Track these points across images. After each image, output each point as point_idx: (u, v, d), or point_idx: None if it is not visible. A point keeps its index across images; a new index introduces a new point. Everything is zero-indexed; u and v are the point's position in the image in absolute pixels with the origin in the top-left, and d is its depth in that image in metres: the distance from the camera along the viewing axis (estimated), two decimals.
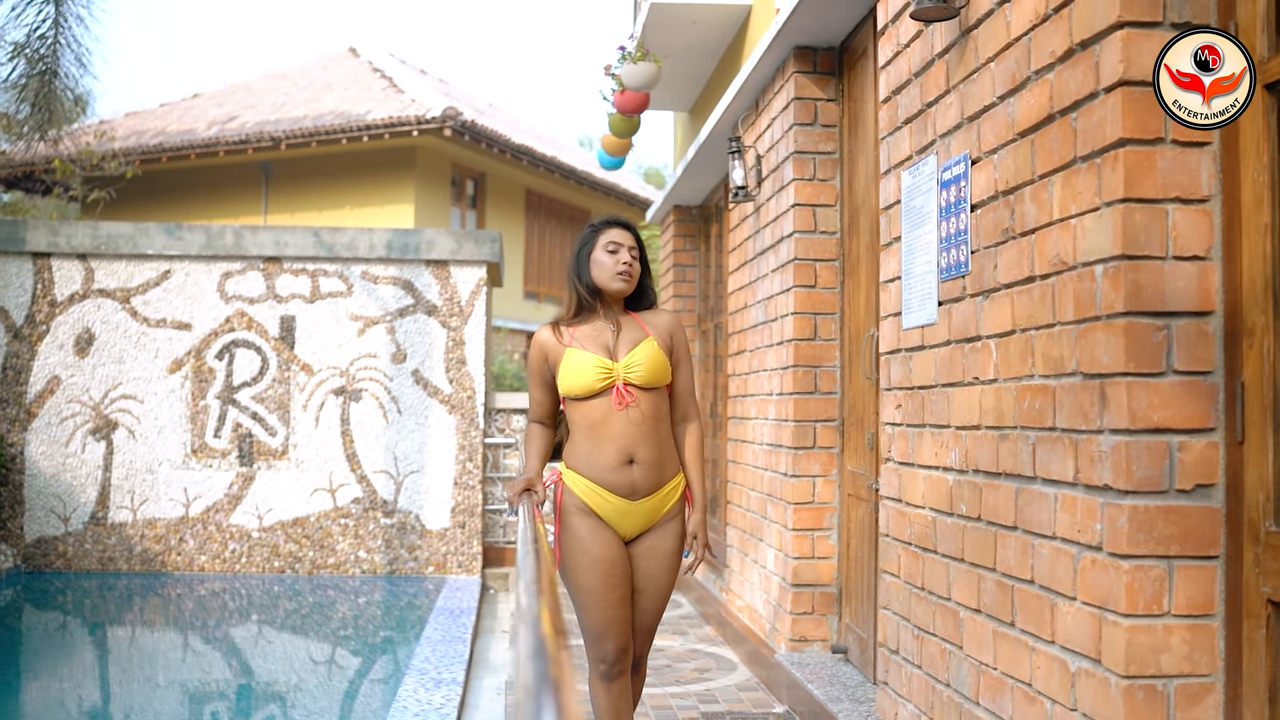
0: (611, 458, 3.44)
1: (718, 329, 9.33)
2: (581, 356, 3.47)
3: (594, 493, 3.47)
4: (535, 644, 1.22)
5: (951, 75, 3.49)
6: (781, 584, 5.78)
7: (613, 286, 3.55)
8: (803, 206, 5.62)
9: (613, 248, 3.55)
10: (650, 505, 3.51)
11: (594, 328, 3.56)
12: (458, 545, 9.20)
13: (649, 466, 3.48)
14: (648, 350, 3.50)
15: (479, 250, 9.32)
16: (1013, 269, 3.05)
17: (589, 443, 3.47)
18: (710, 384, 9.45)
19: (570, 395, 3.49)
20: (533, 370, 3.63)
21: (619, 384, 3.44)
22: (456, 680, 5.73)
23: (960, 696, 3.36)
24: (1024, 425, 2.98)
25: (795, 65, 5.61)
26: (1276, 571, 2.36)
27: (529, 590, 1.57)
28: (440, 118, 17.02)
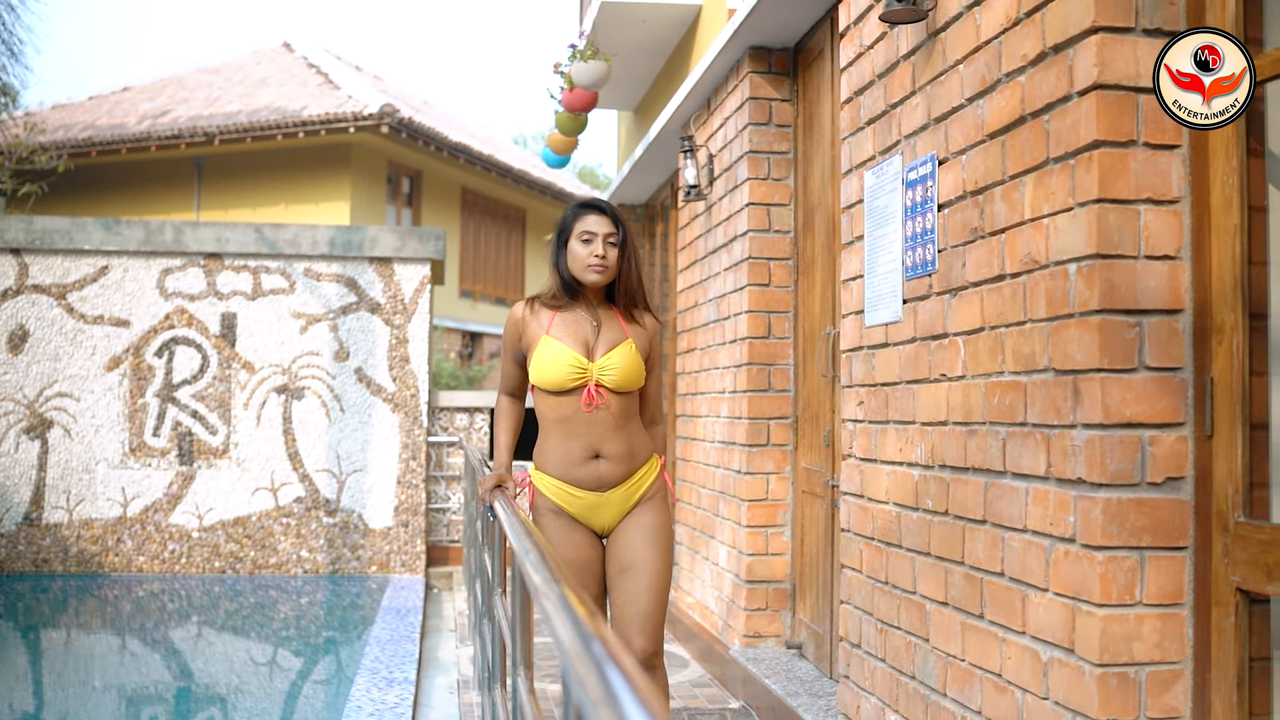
0: (577, 453, 3.36)
1: (663, 327, 9.36)
2: (557, 349, 3.33)
3: (562, 490, 3.38)
4: (575, 627, 1.21)
5: (918, 77, 3.55)
6: (735, 580, 5.82)
7: (586, 279, 3.39)
8: (757, 205, 5.67)
9: (587, 237, 3.37)
10: (622, 493, 3.42)
11: (575, 317, 3.41)
12: (401, 544, 9.15)
13: (617, 460, 3.38)
14: (625, 354, 3.38)
15: (423, 247, 9.27)
16: (982, 268, 3.11)
17: (556, 438, 3.38)
18: (658, 383, 9.47)
19: (540, 386, 3.38)
20: (506, 344, 3.49)
21: (590, 385, 3.32)
22: (409, 679, 5.70)
23: (926, 689, 3.41)
24: (994, 421, 3.04)
25: (750, 65, 5.65)
26: (1245, 561, 2.44)
27: (542, 572, 1.56)
28: (377, 114, 16.89)
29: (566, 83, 7.60)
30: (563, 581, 1.48)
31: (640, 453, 3.44)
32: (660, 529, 3.43)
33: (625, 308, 3.48)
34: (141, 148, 18.47)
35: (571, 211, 3.43)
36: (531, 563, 1.59)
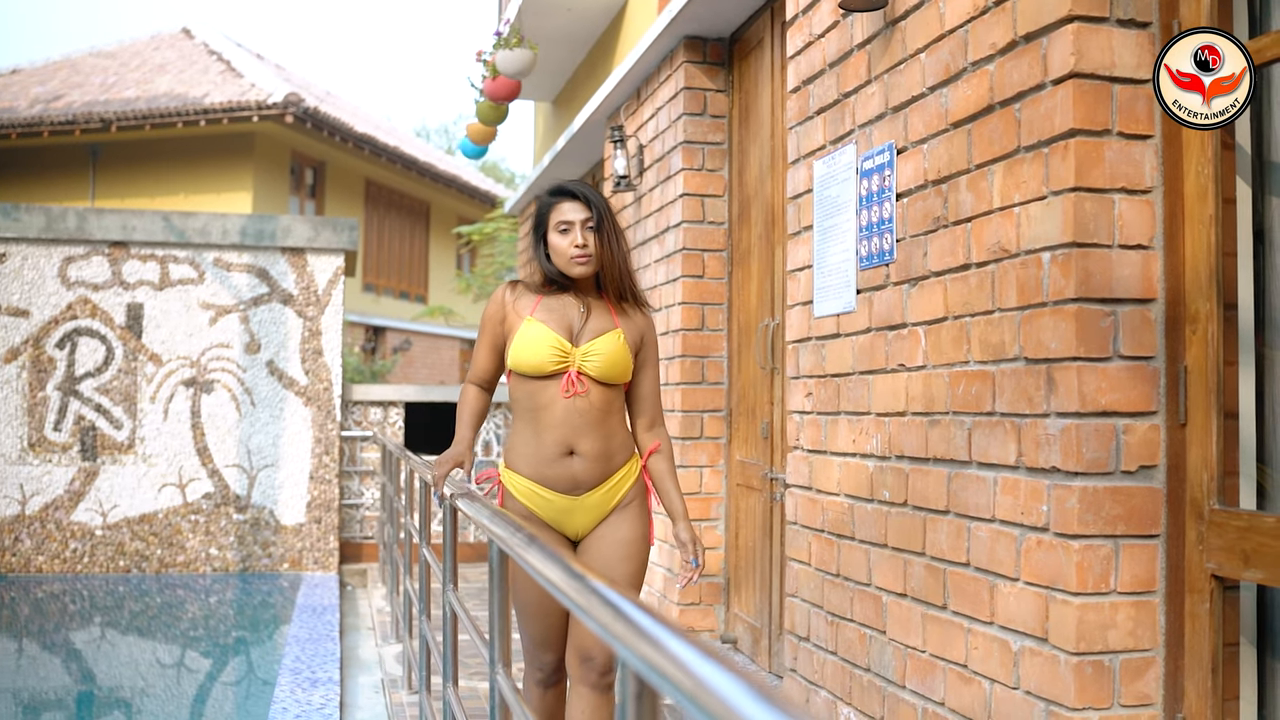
0: (550, 449, 3.05)
1: None
2: (539, 331, 3.06)
3: (533, 492, 3.08)
4: (645, 618, 1.13)
5: (874, 66, 3.53)
6: (666, 575, 5.78)
7: (573, 273, 3.09)
8: (691, 196, 5.63)
9: (564, 227, 3.08)
10: (598, 499, 3.10)
11: (562, 302, 3.14)
12: (314, 541, 8.94)
13: (592, 459, 3.07)
14: (611, 342, 3.10)
15: (337, 238, 9.07)
16: (946, 256, 3.10)
17: (529, 430, 3.10)
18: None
19: (518, 370, 3.08)
20: (484, 327, 3.20)
21: (571, 371, 3.05)
22: (333, 679, 5.55)
23: (883, 681, 3.40)
24: (959, 411, 3.03)
25: (685, 55, 5.61)
26: (1220, 547, 2.46)
27: (573, 581, 1.43)
28: (282, 104, 16.51)
29: (490, 71, 7.47)
30: (588, 574, 1.41)
31: (618, 455, 3.13)
32: (637, 543, 3.16)
33: (615, 298, 3.18)
34: (33, 133, 17.80)
35: (544, 201, 3.18)
36: (558, 571, 1.49)
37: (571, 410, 3.05)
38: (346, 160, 20.32)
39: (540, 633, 3.15)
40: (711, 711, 0.93)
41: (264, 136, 18.08)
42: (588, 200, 3.11)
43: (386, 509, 7.91)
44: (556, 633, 3.13)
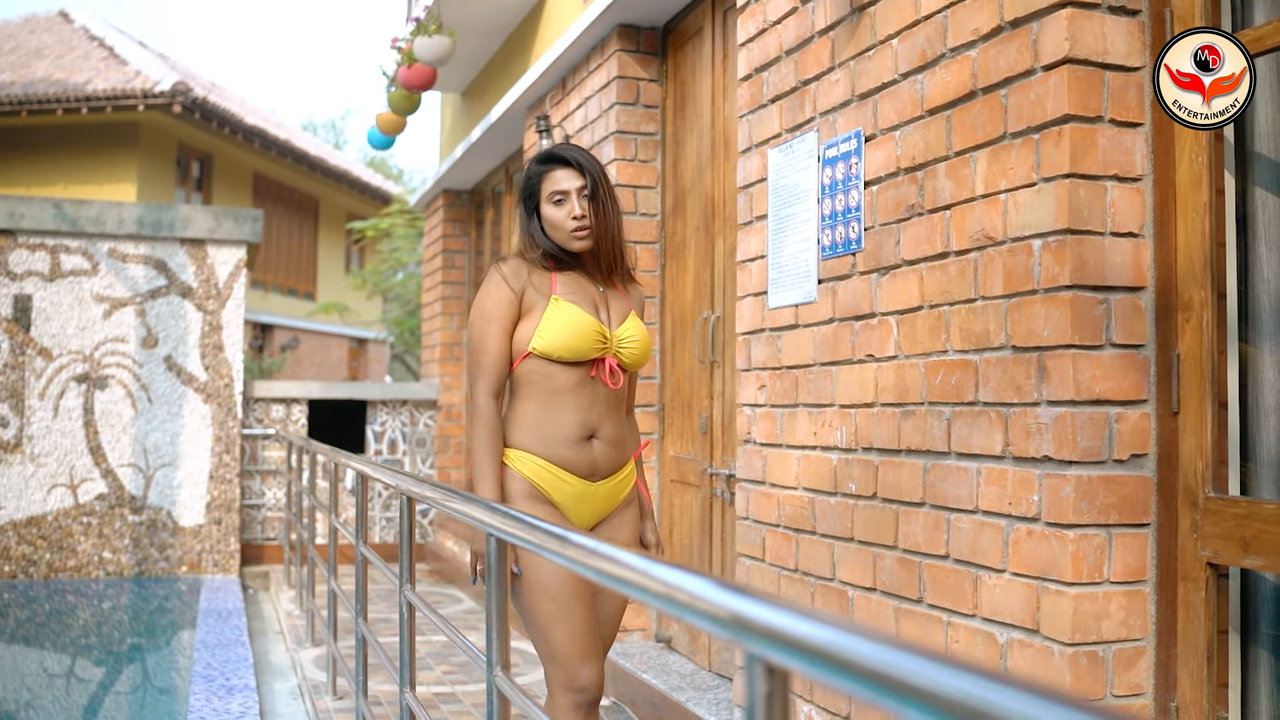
0: (572, 430, 2.80)
1: None
2: (574, 313, 2.79)
3: (548, 473, 2.79)
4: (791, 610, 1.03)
5: (839, 52, 3.48)
6: None
7: (573, 248, 2.86)
8: (623, 187, 5.54)
9: (558, 197, 2.83)
10: (610, 488, 2.89)
11: (577, 279, 2.89)
12: (213, 543, 8.64)
13: (611, 444, 2.86)
14: (640, 327, 2.92)
15: (239, 229, 8.78)
16: (922, 245, 3.06)
17: (545, 409, 2.80)
18: None
19: (549, 355, 2.77)
20: (493, 315, 2.81)
21: (610, 359, 2.83)
22: (249, 686, 5.34)
23: None
24: (936, 401, 2.99)
25: (618, 43, 5.51)
26: (1215, 536, 2.45)
27: (629, 560, 1.32)
28: (169, 92, 15.97)
29: (405, 59, 7.28)
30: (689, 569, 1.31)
31: (628, 444, 2.96)
32: (636, 546, 2.97)
33: (607, 271, 2.97)
34: None
35: (533, 169, 2.92)
36: (601, 552, 1.39)
37: (596, 395, 2.83)
38: (235, 153, 19.78)
39: (574, 639, 2.73)
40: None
41: (150, 126, 17.48)
42: (581, 166, 2.86)
43: (294, 509, 7.66)
44: (592, 634, 2.78)
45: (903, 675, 0.89)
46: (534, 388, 2.82)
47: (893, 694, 0.91)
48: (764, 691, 1.05)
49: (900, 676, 0.90)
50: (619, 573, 1.34)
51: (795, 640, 1.02)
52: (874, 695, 0.95)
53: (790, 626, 1.02)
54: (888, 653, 0.92)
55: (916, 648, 0.92)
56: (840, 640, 0.98)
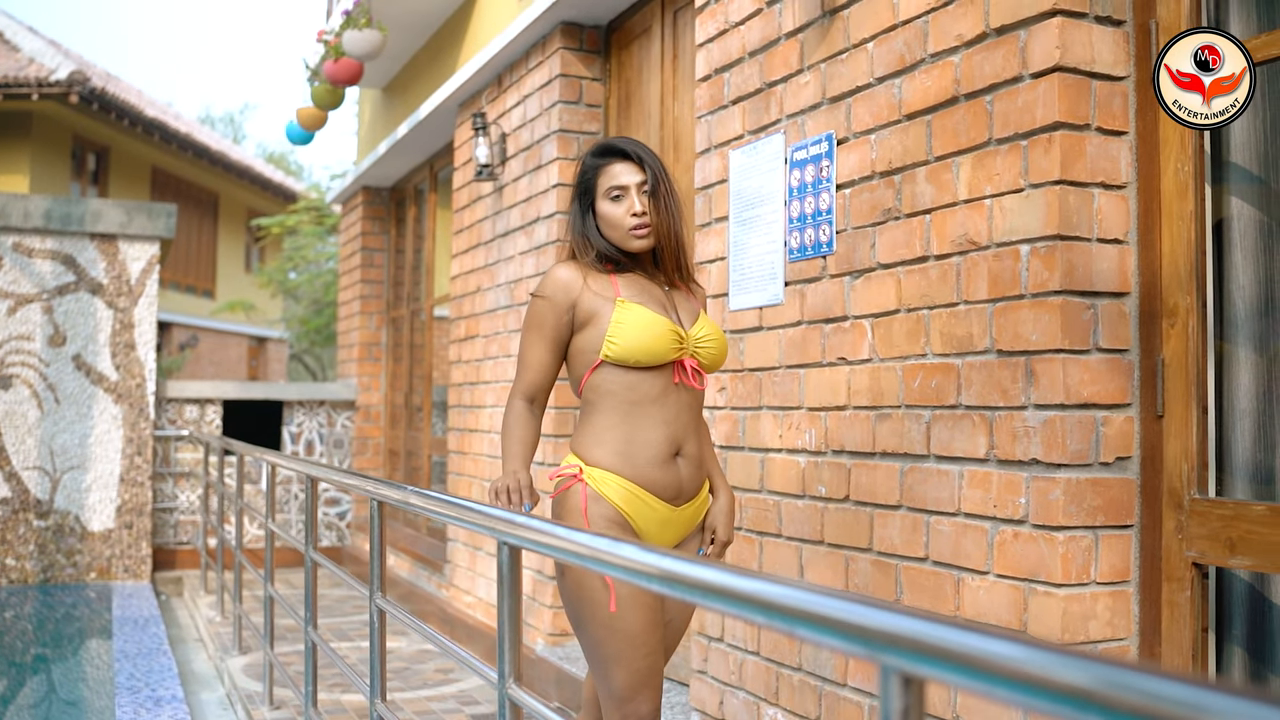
0: (660, 448, 2.56)
1: (416, 315, 9.01)
2: (644, 314, 2.56)
3: (635, 497, 2.54)
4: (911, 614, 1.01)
5: (809, 54, 3.48)
6: (536, 577, 5.62)
7: (630, 247, 2.64)
8: (566, 187, 5.49)
9: (616, 193, 2.63)
10: (691, 512, 2.67)
11: (640, 280, 2.68)
12: (124, 548, 8.38)
13: (695, 463, 2.65)
14: (714, 326, 2.72)
15: (152, 225, 8.53)
16: (899, 248, 3.08)
17: (627, 426, 2.56)
18: (407, 374, 9.11)
19: (622, 361, 2.55)
20: (541, 320, 2.62)
21: (688, 360, 2.62)
22: (177, 697, 5.19)
23: (817, 679, 3.35)
24: (914, 404, 3.01)
25: (561, 41, 5.47)
26: (1201, 536, 2.50)
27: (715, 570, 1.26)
28: (66, 82, 15.45)
29: (332, 53, 7.13)
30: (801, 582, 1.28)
31: (706, 459, 2.76)
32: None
33: (671, 271, 2.74)
34: None
35: (590, 162, 2.71)
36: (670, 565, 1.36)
37: (680, 405, 2.61)
38: (134, 146, 19.23)
39: (640, 672, 2.50)
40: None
41: (43, 117, 16.91)
42: (641, 160, 2.65)
43: (216, 512, 7.46)
44: (657, 666, 2.54)
45: (1040, 672, 0.91)
46: (614, 399, 2.58)
47: (1033, 691, 0.93)
48: (900, 707, 1.03)
49: (1036, 673, 0.92)
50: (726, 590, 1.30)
51: (935, 648, 1.00)
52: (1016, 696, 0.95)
53: (929, 634, 1.01)
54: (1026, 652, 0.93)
55: (1051, 646, 0.92)
56: (981, 644, 0.97)
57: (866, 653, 1.07)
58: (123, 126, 17.58)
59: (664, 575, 1.46)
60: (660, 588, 1.46)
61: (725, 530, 2.75)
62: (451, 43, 7.35)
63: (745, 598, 1.23)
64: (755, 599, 1.21)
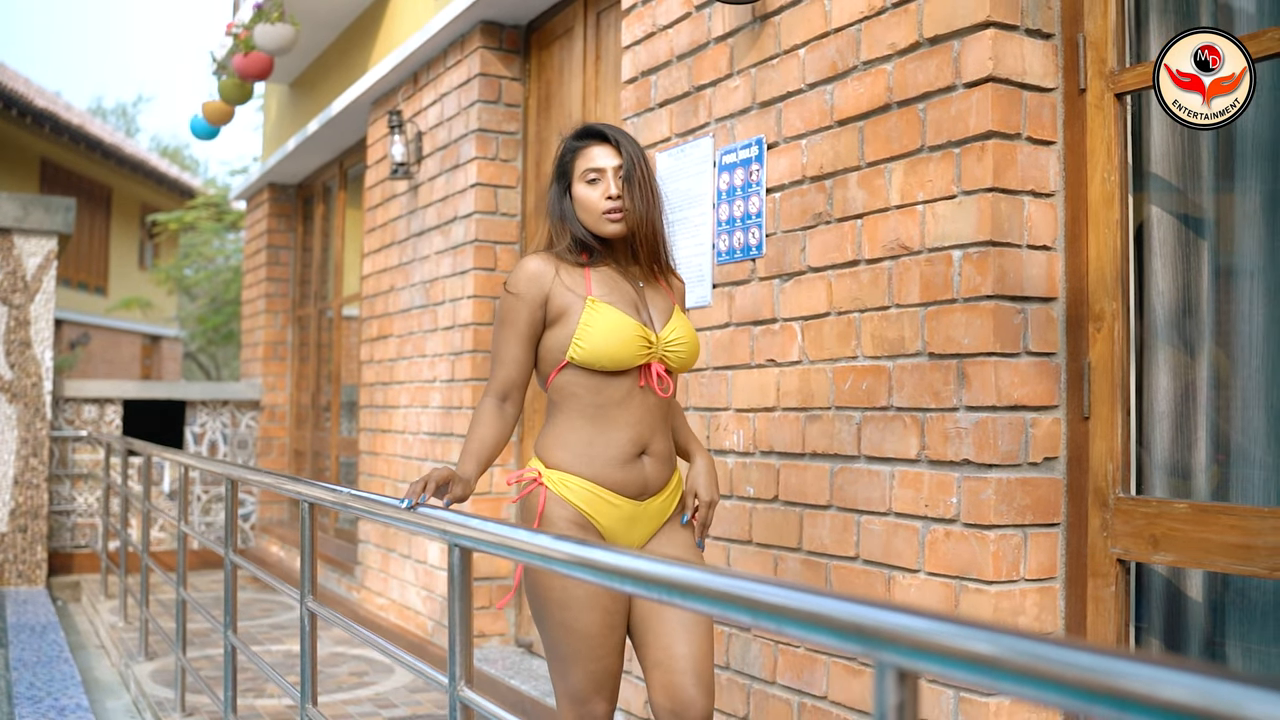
0: (624, 448, 2.52)
1: (323, 314, 8.89)
2: (614, 316, 2.51)
3: (596, 497, 2.51)
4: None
5: (738, 59, 3.52)
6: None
7: (604, 231, 2.58)
8: (484, 186, 5.47)
9: (593, 176, 2.57)
10: (660, 504, 2.60)
11: (613, 276, 2.61)
12: (18, 552, 8.12)
13: (662, 459, 2.60)
14: (686, 325, 2.65)
15: (50, 219, 8.28)
16: (831, 252, 3.12)
17: (589, 428, 2.53)
18: (314, 374, 8.98)
19: (590, 365, 2.50)
20: (514, 314, 2.55)
21: (655, 364, 2.56)
22: (82, 706, 5.06)
23: (747, 678, 3.39)
24: (845, 405, 3.06)
25: (481, 40, 5.44)
26: (1126, 534, 2.58)
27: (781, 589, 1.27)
28: None
29: (242, 46, 7.00)
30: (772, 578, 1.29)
31: (674, 453, 2.69)
32: (697, 550, 2.69)
33: (648, 263, 2.67)
34: None
35: (568, 144, 2.65)
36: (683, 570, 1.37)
37: (646, 407, 2.55)
38: (21, 136, 18.60)
39: (594, 674, 2.48)
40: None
41: None
42: (618, 144, 2.59)
43: (119, 515, 7.27)
44: (614, 669, 2.51)
45: (1035, 663, 0.95)
46: (578, 401, 2.54)
47: (1028, 682, 0.96)
48: (895, 701, 1.06)
49: (1031, 664, 0.95)
50: (697, 588, 1.32)
51: (930, 643, 1.03)
52: (1011, 686, 0.98)
53: (925, 629, 1.04)
54: (1021, 644, 0.96)
55: (1045, 638, 0.95)
56: (976, 637, 1.00)
57: (862, 649, 1.09)
58: (11, 116, 17.02)
59: (634, 576, 1.47)
60: (635, 589, 1.47)
61: (707, 490, 2.68)
62: (364, 39, 7.26)
63: (734, 598, 1.24)
64: (744, 599, 1.23)
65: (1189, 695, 0.81)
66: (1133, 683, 0.85)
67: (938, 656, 1.03)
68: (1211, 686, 0.82)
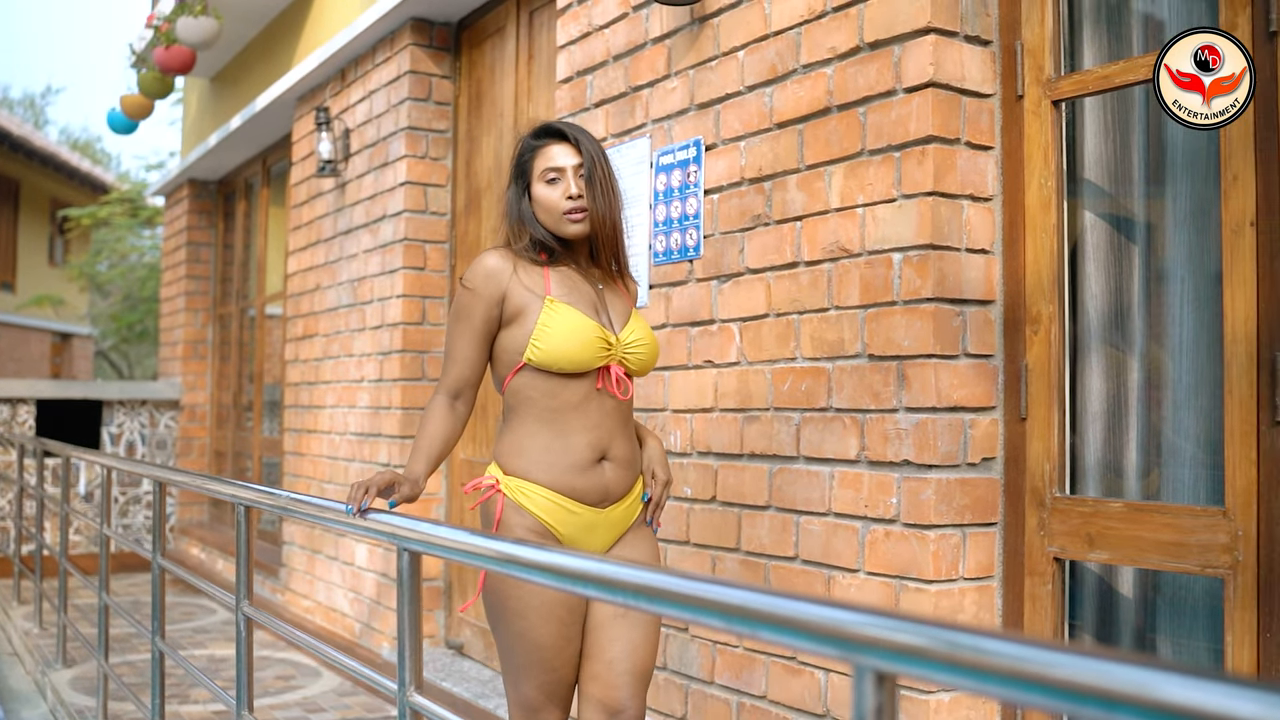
0: (582, 454, 2.46)
1: (245, 313, 8.75)
2: (572, 317, 2.45)
3: (556, 506, 2.44)
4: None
5: (676, 60, 3.52)
6: (381, 580, 5.52)
7: (564, 232, 2.51)
8: (414, 185, 5.42)
9: (552, 175, 2.50)
10: (622, 512, 2.54)
11: (572, 276, 2.55)
12: None
13: (623, 464, 2.53)
14: (645, 328, 2.60)
15: None
16: (769, 254, 3.14)
17: (547, 433, 2.46)
18: (236, 373, 8.83)
19: (544, 366, 2.44)
20: (469, 311, 2.48)
21: (615, 366, 2.50)
22: None
23: (684, 678, 3.39)
24: (783, 406, 3.08)
25: (411, 37, 5.39)
26: (1062, 532, 2.63)
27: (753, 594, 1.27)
28: None
29: (164, 39, 6.85)
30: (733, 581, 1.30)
31: (637, 459, 2.61)
32: (658, 560, 2.67)
33: (608, 263, 2.62)
34: None
35: (527, 143, 2.59)
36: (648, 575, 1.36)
37: (604, 410, 2.49)
38: None
39: (547, 685, 2.45)
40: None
41: None
42: (578, 142, 2.53)
43: (33, 518, 7.09)
44: (568, 679, 2.48)
45: (1014, 664, 0.96)
46: (534, 406, 2.48)
47: (1005, 682, 0.97)
48: (874, 705, 1.06)
49: (1010, 665, 0.96)
50: (682, 596, 1.31)
51: (907, 646, 1.04)
52: (990, 688, 0.99)
53: (901, 631, 1.04)
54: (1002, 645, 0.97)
55: (1023, 638, 0.97)
56: (955, 639, 1.01)
57: (839, 653, 1.10)
58: None
59: (595, 579, 1.47)
60: (600, 593, 1.46)
61: (664, 469, 2.64)
62: (289, 34, 7.15)
63: (707, 602, 1.24)
64: (717, 603, 1.23)
65: (1187, 697, 0.83)
66: (1124, 684, 0.86)
67: (916, 659, 1.04)
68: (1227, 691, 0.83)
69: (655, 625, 2.54)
